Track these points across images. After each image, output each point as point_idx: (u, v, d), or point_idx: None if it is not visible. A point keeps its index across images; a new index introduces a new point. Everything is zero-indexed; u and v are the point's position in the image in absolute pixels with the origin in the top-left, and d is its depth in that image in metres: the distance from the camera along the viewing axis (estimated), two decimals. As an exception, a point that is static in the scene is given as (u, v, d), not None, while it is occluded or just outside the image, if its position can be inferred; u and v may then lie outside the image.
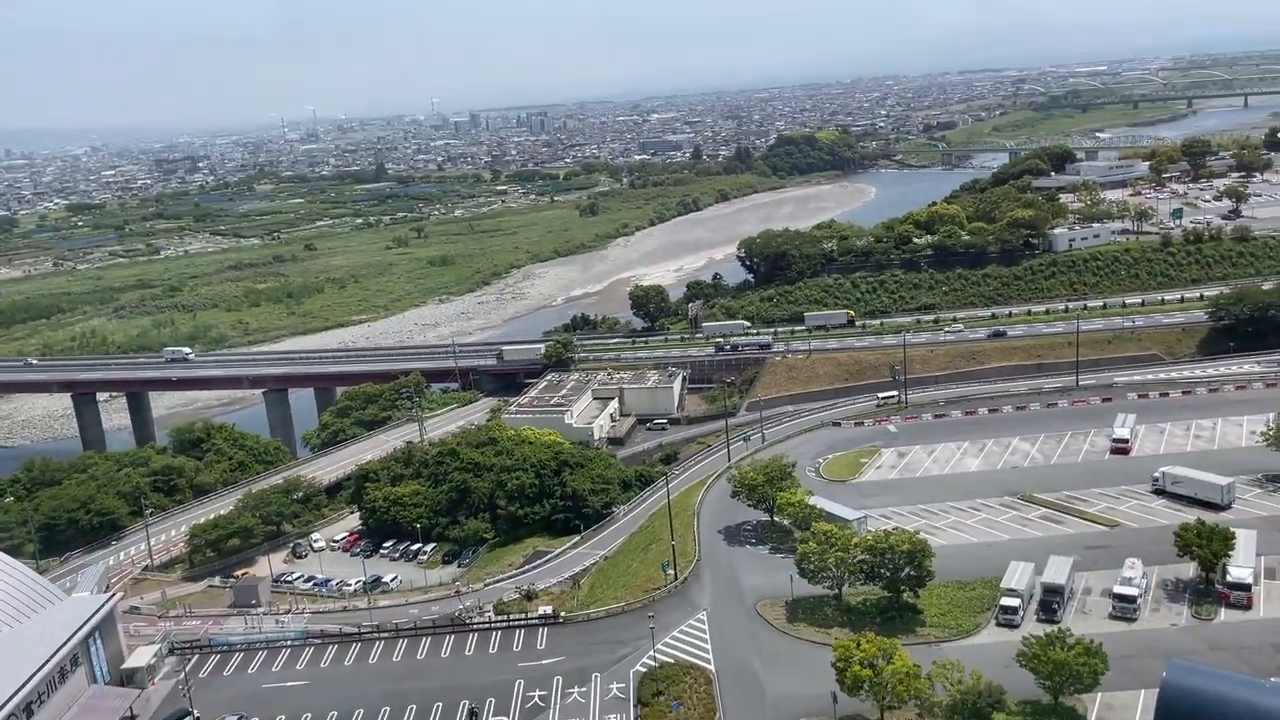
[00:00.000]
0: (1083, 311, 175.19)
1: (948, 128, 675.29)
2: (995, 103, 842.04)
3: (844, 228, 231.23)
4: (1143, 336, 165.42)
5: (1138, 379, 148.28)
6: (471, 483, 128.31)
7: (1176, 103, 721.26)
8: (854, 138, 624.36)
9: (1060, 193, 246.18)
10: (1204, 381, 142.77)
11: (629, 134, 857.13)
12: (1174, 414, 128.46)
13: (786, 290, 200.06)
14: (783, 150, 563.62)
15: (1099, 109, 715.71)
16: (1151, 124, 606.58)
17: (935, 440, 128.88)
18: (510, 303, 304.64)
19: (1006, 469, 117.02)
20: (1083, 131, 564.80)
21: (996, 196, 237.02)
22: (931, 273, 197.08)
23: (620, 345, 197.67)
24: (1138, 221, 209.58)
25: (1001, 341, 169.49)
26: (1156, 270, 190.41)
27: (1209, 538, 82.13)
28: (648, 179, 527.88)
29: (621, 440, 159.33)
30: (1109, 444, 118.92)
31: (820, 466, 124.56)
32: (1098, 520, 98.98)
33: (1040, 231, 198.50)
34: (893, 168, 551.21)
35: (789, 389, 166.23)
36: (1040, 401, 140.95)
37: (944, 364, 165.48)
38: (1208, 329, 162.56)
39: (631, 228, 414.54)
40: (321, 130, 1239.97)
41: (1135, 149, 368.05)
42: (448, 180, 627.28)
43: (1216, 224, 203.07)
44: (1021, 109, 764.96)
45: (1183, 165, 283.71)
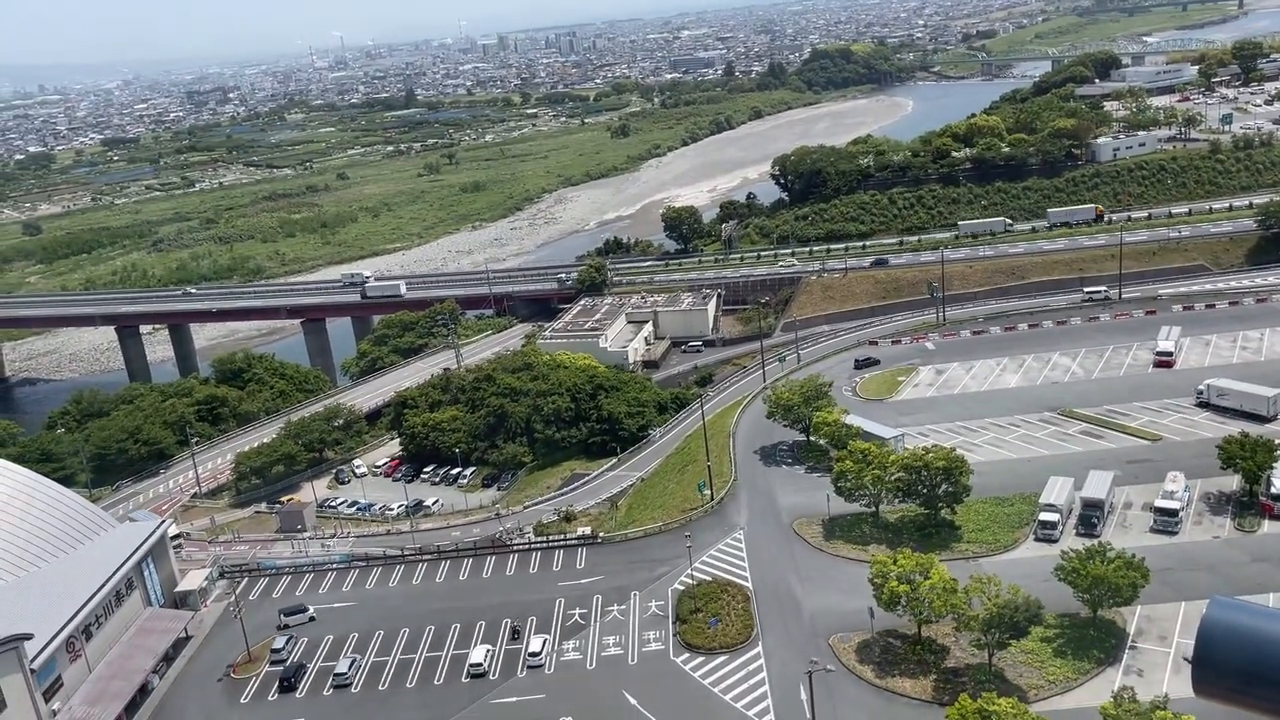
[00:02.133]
0: (1127, 223, 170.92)
1: (987, 36, 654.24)
2: (1038, 8, 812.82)
3: (880, 143, 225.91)
4: (1189, 247, 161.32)
5: (1183, 290, 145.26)
6: (508, 407, 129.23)
7: (1228, 3, 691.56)
8: (890, 50, 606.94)
9: (1105, 100, 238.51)
10: (1252, 291, 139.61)
11: (660, 52, 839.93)
12: (1220, 325, 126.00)
13: (822, 208, 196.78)
14: (817, 65, 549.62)
15: (1146, 12, 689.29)
16: (1201, 26, 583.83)
17: (974, 357, 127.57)
18: (543, 227, 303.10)
19: (1046, 384, 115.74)
20: (1129, 36, 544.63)
21: (1038, 106, 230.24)
22: (970, 186, 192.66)
23: (654, 268, 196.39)
24: (1185, 128, 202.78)
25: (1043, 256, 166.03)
26: (1204, 179, 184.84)
27: (1253, 450, 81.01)
28: (679, 98, 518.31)
29: (657, 363, 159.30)
30: (1152, 357, 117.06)
31: (857, 385, 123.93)
32: (1140, 434, 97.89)
33: (1083, 141, 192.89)
34: (931, 80, 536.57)
35: (825, 308, 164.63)
36: (1081, 315, 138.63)
37: (983, 280, 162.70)
38: (1257, 237, 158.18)
39: (664, 148, 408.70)
40: (350, 57, 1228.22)
41: (1184, 53, 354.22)
42: (477, 105, 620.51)
43: (1268, 129, 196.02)
44: (1065, 14, 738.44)
45: (1233, 69, 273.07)
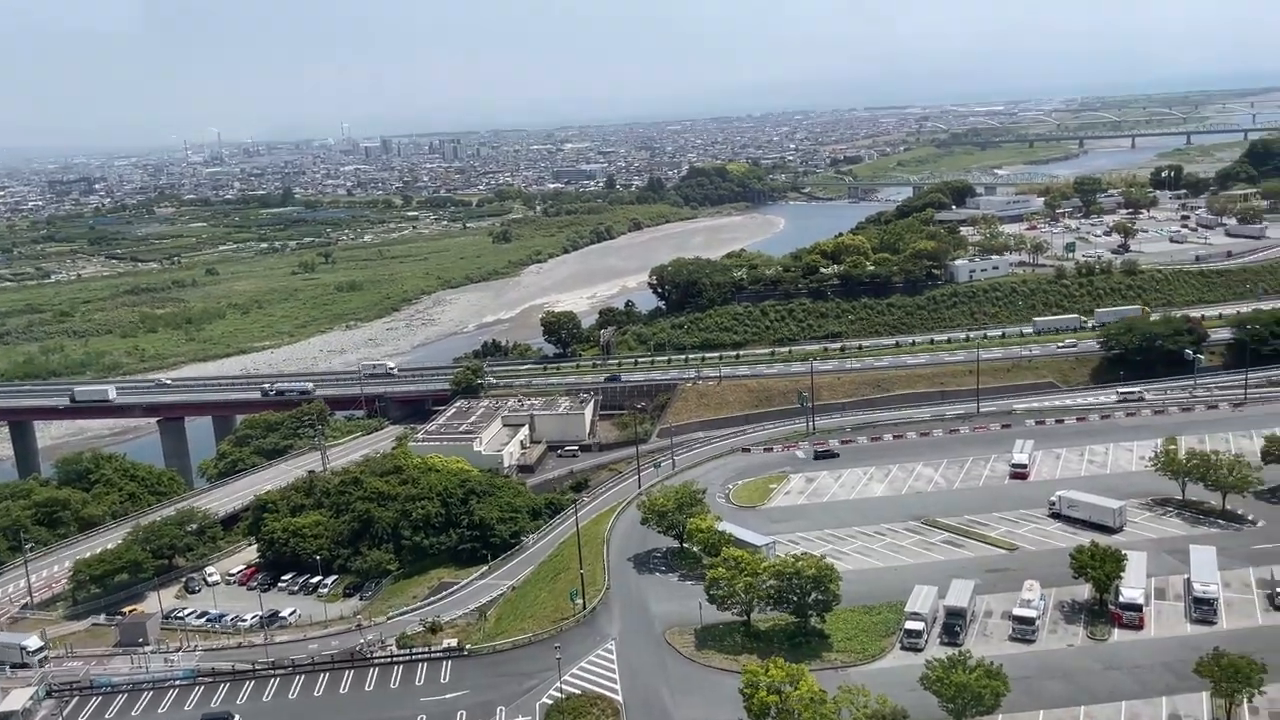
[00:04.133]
0: (983, 340, 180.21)
1: (854, 162, 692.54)
2: (899, 139, 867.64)
3: (754, 257, 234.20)
4: (1039, 365, 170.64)
5: (1035, 406, 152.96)
6: (375, 512, 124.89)
7: (1069, 142, 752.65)
8: (764, 170, 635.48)
9: (961, 226, 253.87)
10: (1096, 409, 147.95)
11: (543, 163, 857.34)
12: (1069, 440, 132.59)
13: (698, 318, 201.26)
14: (695, 181, 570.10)
15: (997, 147, 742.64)
16: (1046, 162, 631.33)
17: (842, 466, 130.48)
18: (420, 329, 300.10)
19: (911, 494, 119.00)
20: (982, 168, 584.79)
21: (901, 228, 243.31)
22: (838, 302, 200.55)
23: (532, 371, 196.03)
24: (1033, 254, 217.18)
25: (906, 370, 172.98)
26: (1051, 301, 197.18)
27: (1102, 560, 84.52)
28: (561, 207, 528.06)
29: (532, 468, 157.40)
30: (1009, 469, 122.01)
31: (730, 492, 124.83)
32: (998, 543, 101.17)
33: (942, 262, 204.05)
34: (801, 200, 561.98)
35: (700, 415, 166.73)
36: (943, 428, 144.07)
37: (850, 391, 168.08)
38: (1099, 358, 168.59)
39: (545, 255, 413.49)
40: (227, 154, 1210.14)
41: (1031, 185, 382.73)
42: (357, 205, 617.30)
43: (1107, 258, 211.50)
44: (924, 145, 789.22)
45: (1075, 202, 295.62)
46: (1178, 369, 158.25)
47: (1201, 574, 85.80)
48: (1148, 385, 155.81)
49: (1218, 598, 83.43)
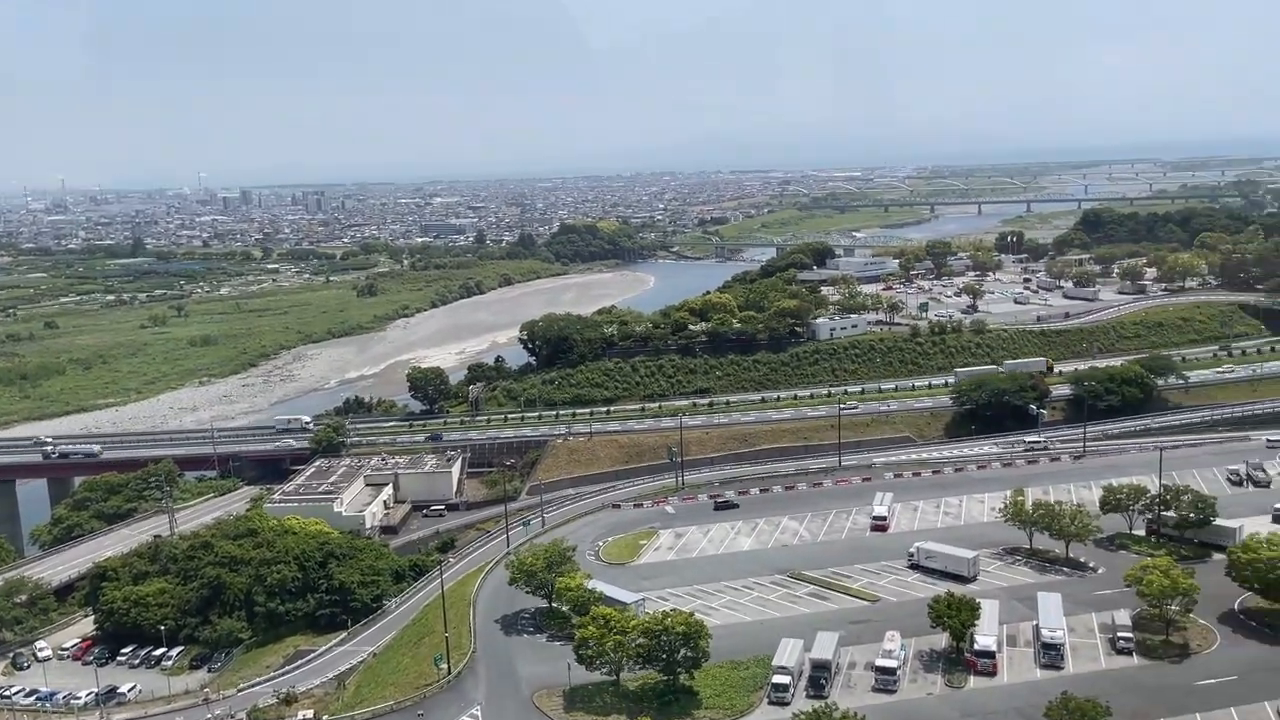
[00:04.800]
0: (843, 396, 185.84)
1: (720, 223, 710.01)
2: (763, 201, 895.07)
3: (624, 313, 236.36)
4: (897, 420, 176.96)
5: (894, 459, 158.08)
6: (227, 578, 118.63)
7: (921, 208, 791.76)
8: (634, 229, 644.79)
9: (822, 285, 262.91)
10: (951, 461, 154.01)
11: (411, 216, 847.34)
12: (926, 492, 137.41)
13: (568, 373, 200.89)
14: (565, 238, 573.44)
15: (855, 211, 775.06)
16: (900, 226, 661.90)
17: (711, 521, 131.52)
18: (279, 385, 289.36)
19: (777, 547, 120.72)
20: (841, 230, 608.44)
21: (765, 287, 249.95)
22: (706, 358, 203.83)
23: (397, 428, 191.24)
24: (890, 314, 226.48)
25: (771, 425, 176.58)
26: (907, 358, 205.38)
27: (958, 609, 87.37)
28: (430, 261, 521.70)
29: (396, 528, 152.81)
30: (870, 521, 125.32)
31: (600, 549, 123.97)
32: (860, 595, 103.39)
33: (805, 321, 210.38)
34: (670, 258, 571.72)
35: (571, 471, 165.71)
36: (807, 481, 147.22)
37: (719, 446, 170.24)
38: (952, 413, 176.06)
39: (412, 309, 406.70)
40: (71, 201, 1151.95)
41: (887, 248, 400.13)
42: (214, 258, 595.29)
43: (957, 318, 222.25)
44: (787, 208, 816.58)
45: (927, 264, 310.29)
46: (1023, 423, 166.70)
47: (1049, 620, 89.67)
48: (999, 438, 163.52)
49: (1064, 643, 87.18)
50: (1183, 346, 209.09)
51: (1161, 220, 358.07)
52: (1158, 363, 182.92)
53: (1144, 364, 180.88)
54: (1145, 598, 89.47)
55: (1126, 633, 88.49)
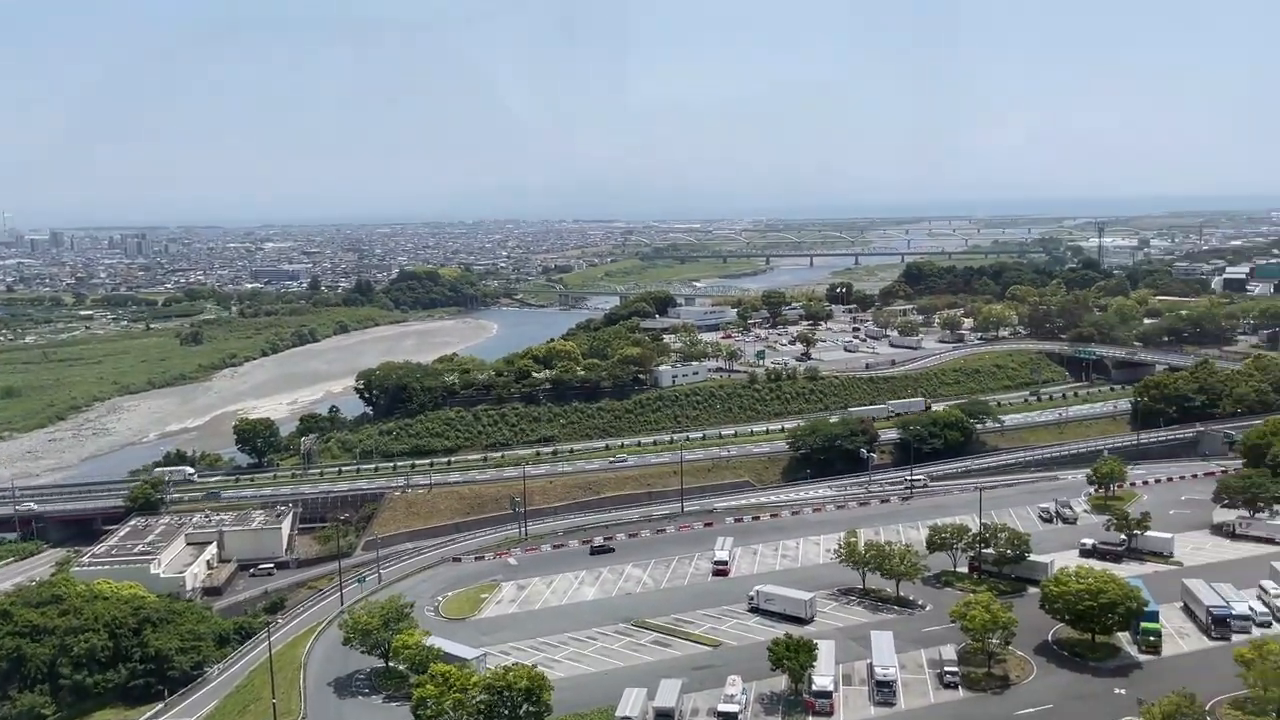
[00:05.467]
0: (686, 442, 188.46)
1: (564, 271, 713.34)
2: (607, 250, 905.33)
3: (466, 361, 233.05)
4: (737, 465, 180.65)
5: (734, 504, 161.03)
6: (27, 649, 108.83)
7: (758, 259, 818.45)
8: (476, 276, 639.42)
9: (664, 334, 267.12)
10: (788, 505, 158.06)
11: (241, 261, 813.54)
12: (764, 536, 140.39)
13: (407, 423, 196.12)
14: (405, 285, 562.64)
15: (695, 261, 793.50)
16: (738, 276, 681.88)
17: (554, 571, 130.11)
18: (91, 439, 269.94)
19: (621, 596, 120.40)
20: (682, 280, 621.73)
21: (609, 335, 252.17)
22: (550, 406, 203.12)
23: (223, 484, 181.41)
24: (729, 361, 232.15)
25: (616, 472, 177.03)
26: (746, 405, 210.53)
27: (796, 650, 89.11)
28: (260, 308, 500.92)
29: (220, 589, 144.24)
30: (711, 566, 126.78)
31: (440, 605, 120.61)
32: (703, 640, 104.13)
33: (648, 368, 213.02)
34: (514, 306, 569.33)
35: (409, 525, 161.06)
36: (651, 528, 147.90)
37: (563, 494, 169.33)
38: (789, 457, 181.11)
39: (241, 358, 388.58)
40: None
41: (725, 297, 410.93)
42: (19, 303, 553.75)
43: (792, 365, 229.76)
44: (630, 258, 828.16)
45: (764, 313, 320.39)
46: (855, 466, 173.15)
47: (881, 658, 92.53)
48: (832, 481, 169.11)
49: (896, 680, 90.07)
50: (997, 392, 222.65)
51: (977, 273, 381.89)
52: (975, 407, 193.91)
53: (963, 408, 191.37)
54: (969, 632, 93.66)
55: (953, 667, 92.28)
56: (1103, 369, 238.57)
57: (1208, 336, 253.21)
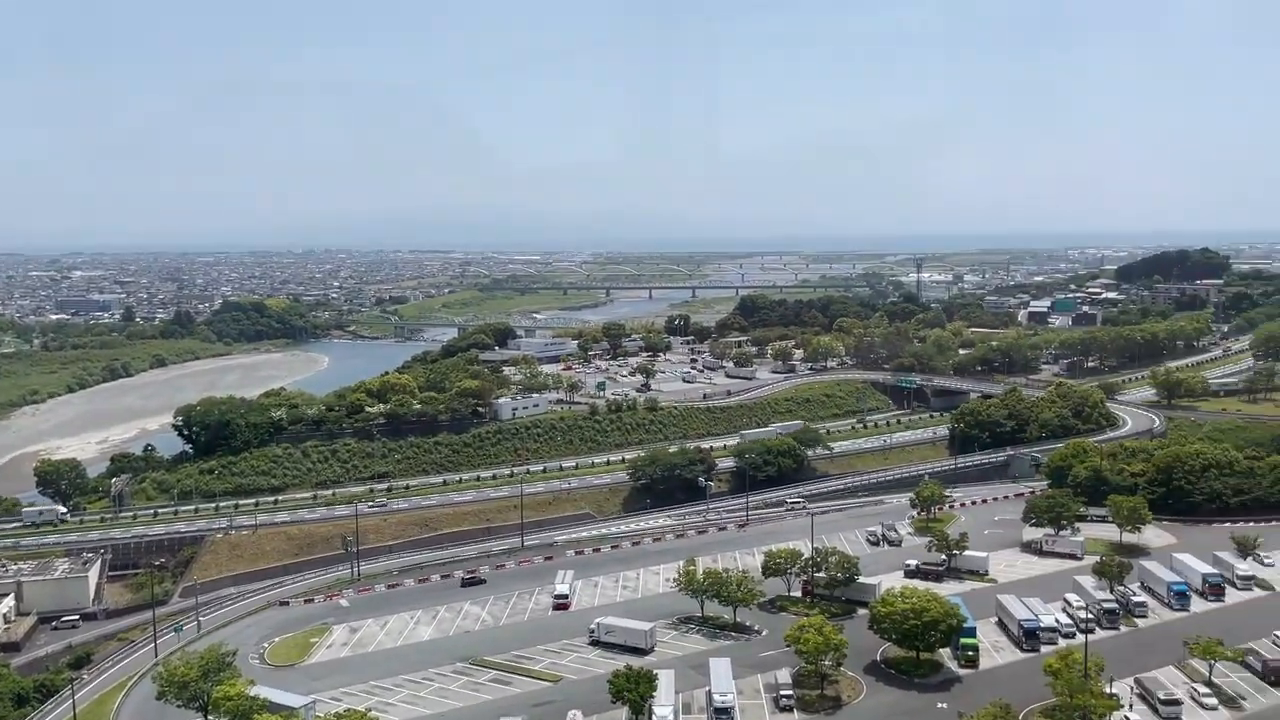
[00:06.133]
0: (526, 475, 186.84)
1: (400, 302, 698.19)
2: (445, 281, 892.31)
3: (295, 395, 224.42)
4: (578, 497, 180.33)
5: (575, 537, 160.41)
6: None
7: (598, 291, 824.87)
8: (305, 307, 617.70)
9: (504, 365, 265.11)
10: (628, 536, 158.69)
11: (44, 290, 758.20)
12: (605, 567, 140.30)
13: (231, 461, 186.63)
14: (229, 316, 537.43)
15: (535, 293, 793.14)
16: (579, 308, 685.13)
17: (389, 611, 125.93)
18: None
19: (459, 634, 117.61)
20: (522, 312, 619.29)
21: (446, 368, 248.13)
22: (385, 441, 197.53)
23: (20, 531, 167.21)
24: (570, 393, 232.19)
25: (454, 508, 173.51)
26: (587, 436, 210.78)
27: (636, 681, 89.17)
28: (66, 341, 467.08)
29: (18, 645, 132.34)
30: (552, 601, 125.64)
31: (265, 652, 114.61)
32: (543, 676, 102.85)
33: (487, 401, 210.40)
34: (346, 338, 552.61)
35: (233, 568, 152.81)
36: (490, 564, 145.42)
37: (398, 532, 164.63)
38: (629, 488, 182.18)
39: (43, 395, 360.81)
40: None
41: (566, 329, 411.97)
42: None
43: (632, 396, 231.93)
44: (468, 288, 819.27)
45: (604, 345, 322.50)
46: (694, 495, 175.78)
47: (719, 685, 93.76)
48: (672, 510, 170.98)
49: (734, 705, 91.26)
50: (827, 420, 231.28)
51: (806, 306, 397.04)
52: (807, 435, 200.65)
53: (796, 436, 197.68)
54: (803, 655, 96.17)
55: (788, 690, 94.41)
56: (923, 397, 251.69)
57: (1016, 365, 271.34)
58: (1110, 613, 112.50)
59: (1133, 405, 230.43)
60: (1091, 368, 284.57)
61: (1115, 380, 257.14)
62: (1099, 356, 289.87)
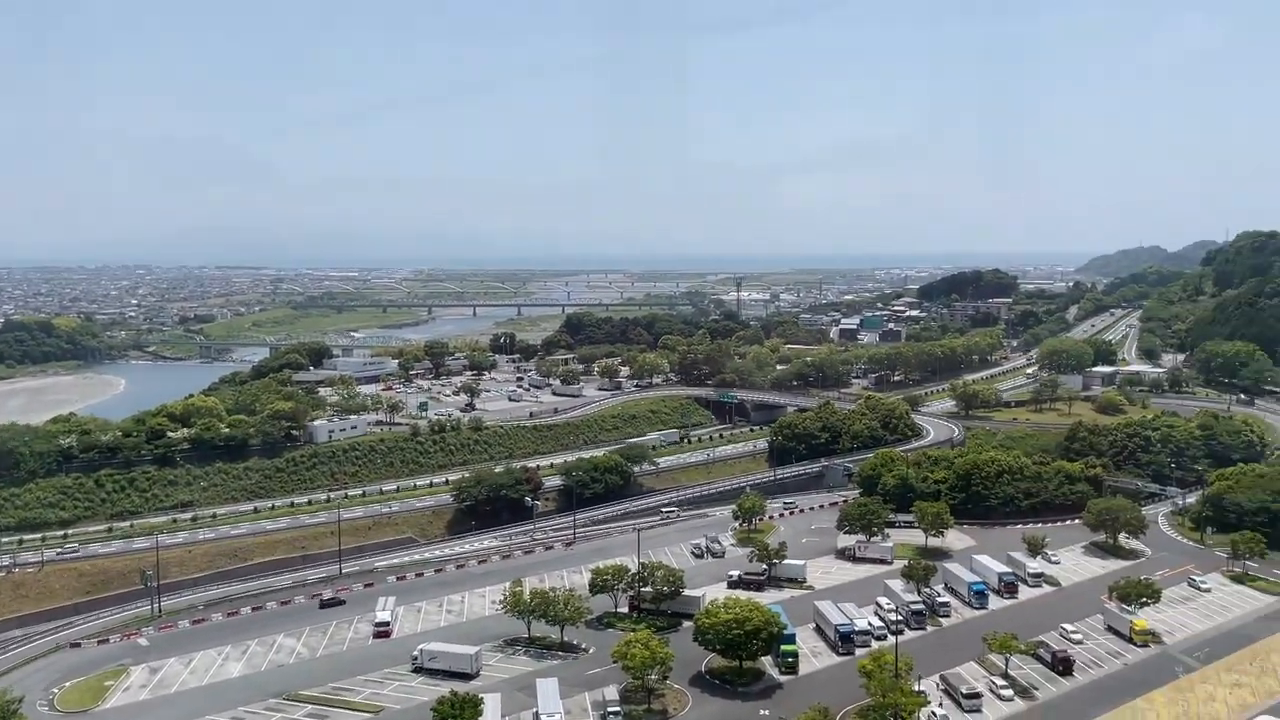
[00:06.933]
0: (344, 500, 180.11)
1: (206, 320, 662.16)
2: (255, 299, 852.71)
3: (87, 421, 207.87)
4: (399, 521, 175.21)
5: (397, 562, 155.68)
6: None
7: (419, 309, 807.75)
8: (99, 326, 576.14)
9: (320, 386, 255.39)
10: (453, 559, 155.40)
11: None
12: (429, 592, 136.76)
13: (13, 493, 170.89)
14: (12, 336, 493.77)
15: (353, 310, 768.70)
16: (399, 326, 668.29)
17: (194, 649, 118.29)
18: None
19: (272, 669, 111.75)
20: (339, 330, 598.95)
21: (257, 389, 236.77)
22: (189, 467, 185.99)
23: None
24: (390, 414, 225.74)
25: (266, 536, 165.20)
26: (409, 459, 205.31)
27: (461, 707, 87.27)
28: None
29: None
30: (372, 629, 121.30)
31: (55, 698, 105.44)
32: (362, 708, 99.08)
33: (301, 423, 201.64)
34: (146, 359, 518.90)
35: (17, 609, 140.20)
36: (306, 594, 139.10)
37: (205, 564, 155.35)
38: (454, 510, 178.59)
39: None
40: None
41: (386, 348, 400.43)
42: None
43: (456, 415, 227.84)
44: (280, 306, 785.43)
45: (426, 364, 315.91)
46: (520, 515, 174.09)
47: (547, 705, 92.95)
48: (498, 531, 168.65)
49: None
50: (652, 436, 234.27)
51: (632, 324, 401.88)
52: (633, 451, 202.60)
53: (622, 453, 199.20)
54: (629, 670, 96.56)
55: (615, 707, 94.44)
56: (744, 411, 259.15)
57: (829, 380, 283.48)
58: (918, 614, 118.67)
59: (935, 416, 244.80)
60: (897, 381, 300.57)
61: (919, 393, 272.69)
62: (904, 371, 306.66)
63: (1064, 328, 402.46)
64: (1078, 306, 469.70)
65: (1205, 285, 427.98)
